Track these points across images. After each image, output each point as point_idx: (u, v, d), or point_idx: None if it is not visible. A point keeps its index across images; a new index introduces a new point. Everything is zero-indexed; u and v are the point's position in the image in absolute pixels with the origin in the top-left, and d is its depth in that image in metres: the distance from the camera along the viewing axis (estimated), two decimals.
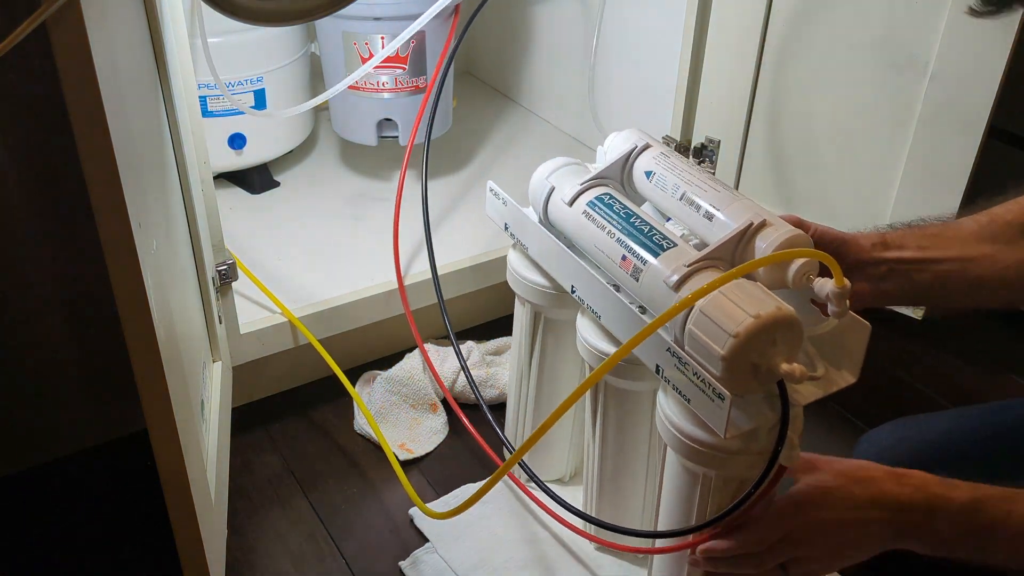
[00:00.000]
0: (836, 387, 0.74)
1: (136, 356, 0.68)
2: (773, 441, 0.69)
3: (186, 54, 0.96)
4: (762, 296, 0.68)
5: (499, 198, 0.96)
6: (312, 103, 1.21)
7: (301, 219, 1.39)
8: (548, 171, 0.91)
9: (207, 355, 1.04)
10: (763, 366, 0.67)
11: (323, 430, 1.21)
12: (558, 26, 1.61)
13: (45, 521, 1.07)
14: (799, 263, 0.71)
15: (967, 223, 0.82)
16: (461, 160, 1.55)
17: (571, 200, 0.86)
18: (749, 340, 0.65)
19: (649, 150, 0.88)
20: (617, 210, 0.83)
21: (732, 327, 0.65)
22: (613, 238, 0.81)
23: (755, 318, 0.65)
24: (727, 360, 0.66)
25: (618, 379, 0.87)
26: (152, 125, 0.83)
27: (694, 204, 0.81)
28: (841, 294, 0.68)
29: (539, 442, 1.07)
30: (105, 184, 0.61)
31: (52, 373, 1.12)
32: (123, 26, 0.74)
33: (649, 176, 0.86)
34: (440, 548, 1.02)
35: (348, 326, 1.22)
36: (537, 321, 0.98)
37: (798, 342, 0.68)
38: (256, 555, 1.03)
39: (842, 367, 0.75)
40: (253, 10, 0.87)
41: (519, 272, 0.95)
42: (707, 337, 0.67)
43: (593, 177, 0.87)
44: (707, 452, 0.72)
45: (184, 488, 0.76)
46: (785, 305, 0.68)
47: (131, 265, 0.64)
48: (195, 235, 1.00)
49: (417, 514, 1.07)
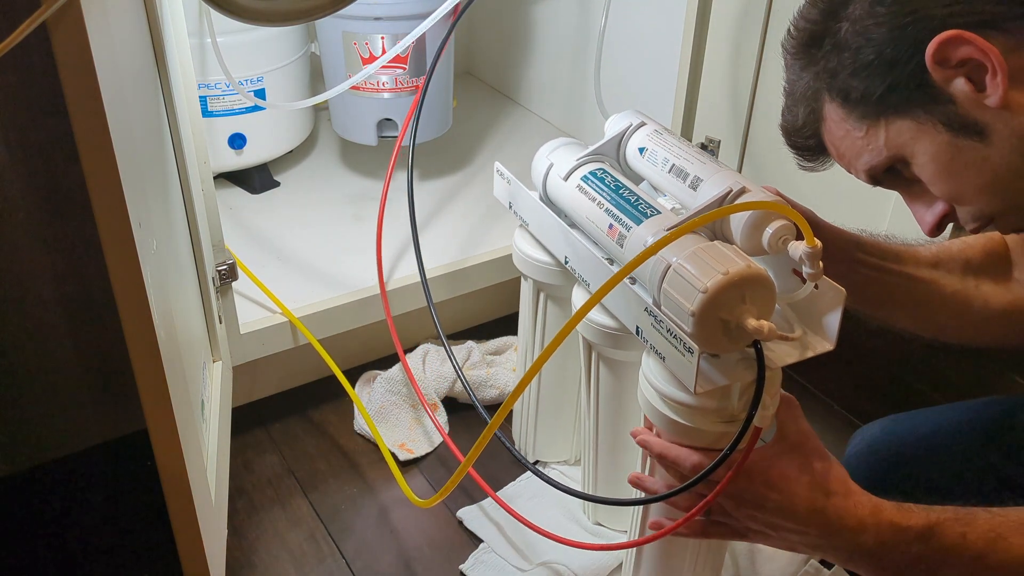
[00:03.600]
0: (813, 352, 0.76)
1: (136, 356, 0.68)
2: (747, 402, 0.70)
3: (186, 54, 0.96)
4: (733, 256, 0.70)
5: (504, 178, 1.00)
6: (312, 100, 1.21)
7: (301, 219, 1.39)
8: (549, 150, 0.94)
9: (207, 355, 1.04)
10: (732, 323, 0.69)
11: (323, 430, 1.21)
12: (558, 26, 1.61)
13: (45, 521, 1.07)
14: (774, 227, 0.73)
15: (922, 250, 0.87)
16: (461, 160, 1.55)
17: (567, 175, 0.90)
18: (718, 296, 0.68)
19: (644, 128, 0.90)
20: (608, 183, 0.86)
21: (702, 284, 0.68)
22: (602, 208, 0.84)
23: (724, 275, 0.68)
24: (697, 315, 0.68)
25: (610, 349, 0.90)
26: (152, 125, 0.83)
27: (681, 175, 0.83)
28: (814, 254, 0.70)
29: (545, 424, 1.11)
30: (105, 184, 0.61)
31: (52, 373, 1.12)
32: (123, 26, 0.74)
33: (642, 152, 0.88)
34: (496, 547, 1.03)
35: (348, 326, 1.22)
36: (539, 297, 1.03)
37: (769, 302, 0.71)
38: (256, 555, 1.03)
39: (820, 333, 0.76)
40: (253, 10, 0.87)
41: (522, 249, 1.00)
42: (679, 295, 0.70)
43: (588, 153, 0.91)
44: (683, 411, 0.74)
45: (184, 488, 0.76)
46: (756, 264, 0.70)
47: (131, 265, 0.64)
48: (195, 235, 1.00)
49: (467, 516, 1.08)
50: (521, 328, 1.09)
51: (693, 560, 0.87)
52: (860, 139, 0.68)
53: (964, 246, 0.89)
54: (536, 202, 0.95)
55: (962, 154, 0.64)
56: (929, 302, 0.86)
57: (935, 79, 0.62)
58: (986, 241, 0.90)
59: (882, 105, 0.65)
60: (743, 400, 0.74)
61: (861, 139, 0.68)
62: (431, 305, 1.15)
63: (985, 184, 0.66)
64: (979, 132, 0.63)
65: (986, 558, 0.67)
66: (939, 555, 0.68)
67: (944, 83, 0.62)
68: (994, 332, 0.89)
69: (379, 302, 1.22)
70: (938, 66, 0.61)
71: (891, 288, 0.85)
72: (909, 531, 0.68)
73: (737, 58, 1.23)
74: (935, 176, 0.66)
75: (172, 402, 0.71)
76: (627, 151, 0.91)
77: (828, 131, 0.71)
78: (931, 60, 0.61)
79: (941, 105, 0.63)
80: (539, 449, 1.14)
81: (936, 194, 0.68)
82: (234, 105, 1.33)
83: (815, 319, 0.77)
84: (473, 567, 1.02)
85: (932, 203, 0.70)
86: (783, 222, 0.73)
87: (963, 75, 0.61)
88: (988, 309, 0.87)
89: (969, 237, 0.90)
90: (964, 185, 0.66)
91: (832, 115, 0.69)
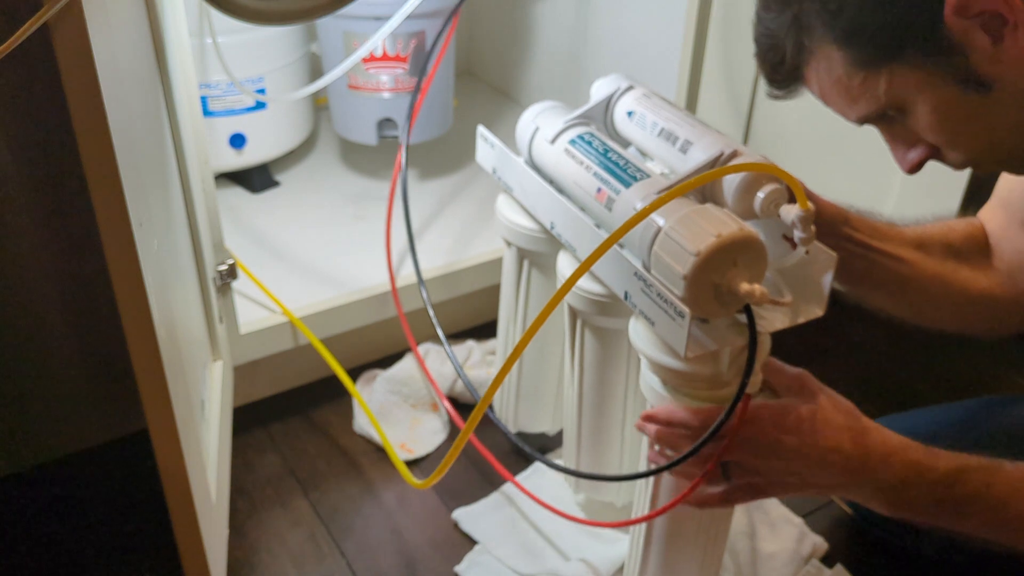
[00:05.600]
0: (804, 318, 0.75)
1: (136, 356, 0.68)
2: (739, 369, 0.71)
3: (186, 54, 0.96)
4: (725, 219, 0.69)
5: (488, 142, 0.98)
6: (311, 88, 1.19)
7: (301, 219, 1.39)
8: (534, 113, 0.93)
9: (207, 355, 1.04)
10: (724, 286, 0.68)
11: (323, 430, 1.21)
12: (558, 26, 1.61)
13: (45, 521, 1.07)
14: (767, 190, 0.72)
15: (906, 230, 0.87)
16: (461, 159, 1.55)
17: (553, 138, 0.88)
18: (710, 259, 0.67)
19: (632, 91, 0.89)
20: (596, 147, 0.84)
21: (694, 247, 0.67)
22: (590, 172, 0.83)
23: (717, 237, 0.67)
24: (689, 279, 0.67)
25: (596, 316, 0.88)
26: (153, 125, 0.83)
27: (671, 138, 0.81)
28: (806, 217, 0.69)
29: (526, 393, 1.10)
30: (106, 184, 0.61)
31: (52, 373, 1.12)
32: (124, 26, 0.74)
33: (631, 116, 0.87)
34: (492, 548, 1.03)
35: (348, 326, 1.22)
36: (522, 264, 1.00)
37: (761, 265, 0.70)
38: (257, 555, 1.03)
39: (810, 300, 0.76)
40: (253, 10, 0.87)
41: (505, 215, 0.97)
42: (670, 258, 0.69)
43: (575, 116, 0.89)
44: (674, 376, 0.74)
45: (184, 488, 0.76)
46: (748, 227, 0.69)
47: (131, 265, 0.64)
48: (195, 235, 1.00)
49: (463, 517, 1.07)
50: (503, 297, 1.07)
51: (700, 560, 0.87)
52: (857, 86, 0.66)
53: (947, 230, 0.88)
54: (522, 166, 0.93)
55: (965, 107, 0.63)
56: (909, 283, 0.85)
57: (951, 29, 0.60)
58: (967, 226, 0.90)
59: (888, 53, 0.63)
60: (734, 367, 0.73)
61: (858, 86, 0.66)
62: (428, 305, 1.14)
63: (982, 136, 0.65)
64: (986, 86, 0.62)
65: (1007, 509, 0.67)
66: (962, 501, 0.68)
67: (961, 34, 0.60)
68: (969, 318, 0.89)
69: (379, 302, 1.22)
70: (957, 16, 0.60)
71: (874, 265, 0.84)
72: (935, 472, 0.68)
73: (737, 58, 1.23)
74: (933, 126, 0.65)
75: (172, 402, 0.71)
76: (615, 115, 0.89)
77: (817, 71, 0.67)
78: (951, 9, 0.59)
79: (953, 57, 0.61)
80: (520, 420, 1.12)
81: (929, 140, 0.67)
82: (234, 105, 1.33)
83: (805, 285, 0.76)
84: (468, 568, 1.02)
85: (915, 144, 0.69)
86: (776, 185, 0.72)
87: (979, 27, 0.60)
88: (965, 294, 0.87)
89: (951, 221, 0.90)
90: (961, 136, 0.65)
91: (827, 57, 0.66)
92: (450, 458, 0.76)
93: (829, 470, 0.70)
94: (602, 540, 1.04)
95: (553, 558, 1.02)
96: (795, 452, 0.70)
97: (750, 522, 1.06)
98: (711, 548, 0.87)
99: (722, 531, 0.88)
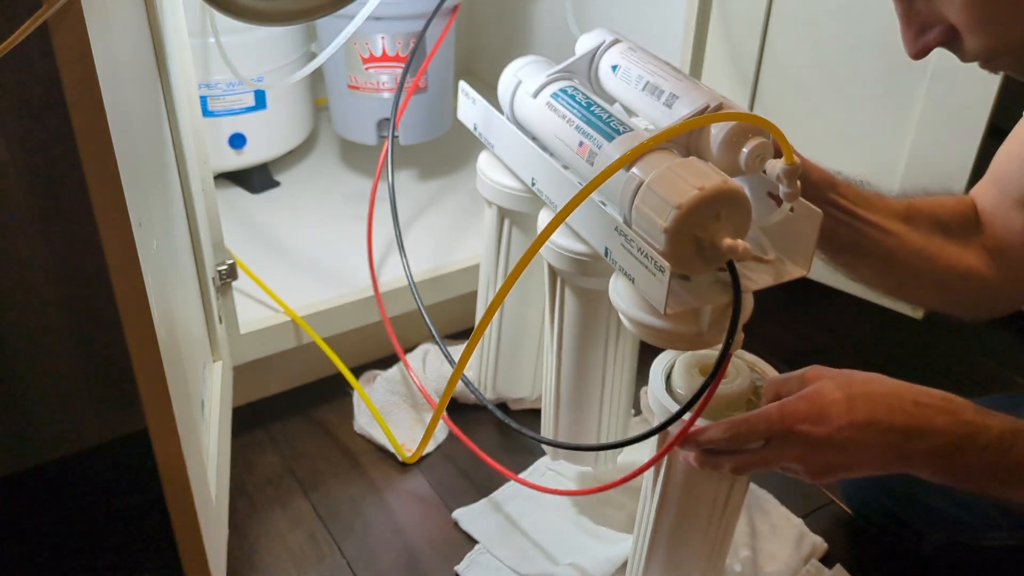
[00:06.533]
0: (788, 276, 0.73)
1: (136, 356, 0.68)
2: (720, 329, 0.69)
3: (186, 54, 0.96)
4: (708, 172, 0.67)
5: (470, 98, 0.96)
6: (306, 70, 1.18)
7: (301, 219, 1.39)
8: (516, 67, 0.90)
9: (207, 355, 1.04)
10: (706, 241, 0.66)
11: (324, 430, 1.21)
12: (558, 26, 1.61)
13: (45, 521, 1.07)
14: (752, 144, 0.71)
15: (894, 201, 0.84)
16: (461, 160, 1.55)
17: (535, 92, 0.86)
18: (692, 212, 0.65)
19: (617, 44, 0.87)
20: (579, 100, 0.82)
21: (675, 199, 0.65)
22: (572, 126, 0.81)
23: (699, 190, 0.65)
24: (670, 232, 0.66)
25: (577, 276, 0.86)
26: (152, 125, 0.83)
27: (656, 92, 0.79)
28: (792, 171, 0.68)
29: (506, 359, 1.08)
30: (105, 184, 0.61)
31: (52, 373, 1.12)
32: (123, 26, 0.74)
33: (615, 70, 0.84)
34: (492, 548, 1.03)
35: (348, 326, 1.22)
36: (503, 224, 0.99)
37: (744, 220, 0.68)
38: (257, 555, 1.03)
39: (794, 259, 0.74)
40: (253, 10, 0.87)
41: (485, 173, 0.96)
42: (652, 211, 0.67)
43: (559, 70, 0.87)
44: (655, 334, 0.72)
45: (184, 488, 0.76)
46: (732, 180, 0.67)
47: (131, 265, 0.64)
48: (195, 235, 1.00)
49: (463, 517, 1.07)
50: (484, 258, 1.05)
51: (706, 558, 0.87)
52: None
53: (936, 204, 0.87)
54: (503, 121, 0.90)
55: None
56: (894, 255, 0.84)
57: None
58: (957, 202, 0.88)
59: None
60: (715, 328, 0.71)
61: None
62: (420, 306, 1.14)
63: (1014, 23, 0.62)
64: None
65: None
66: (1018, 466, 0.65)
67: None
68: (953, 296, 0.88)
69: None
70: None
71: (860, 235, 0.82)
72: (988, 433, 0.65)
73: (737, 58, 1.23)
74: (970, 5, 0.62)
75: (172, 402, 0.71)
76: (599, 69, 0.87)
77: None
78: None
79: None
80: (499, 387, 1.11)
81: (952, 20, 0.64)
82: (234, 105, 1.33)
83: (789, 244, 0.74)
84: (468, 568, 1.02)
85: (930, 26, 0.66)
86: (761, 139, 0.71)
87: None
88: (951, 271, 0.85)
89: (942, 196, 0.88)
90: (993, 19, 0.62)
91: None
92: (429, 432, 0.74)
93: (871, 448, 0.67)
94: (602, 541, 1.03)
95: (553, 558, 1.01)
96: (827, 441, 0.67)
97: (750, 522, 1.06)
98: (717, 548, 0.87)
99: (729, 532, 0.88)
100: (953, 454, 0.66)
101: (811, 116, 1.22)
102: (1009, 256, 0.85)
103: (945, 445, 0.66)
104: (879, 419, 0.67)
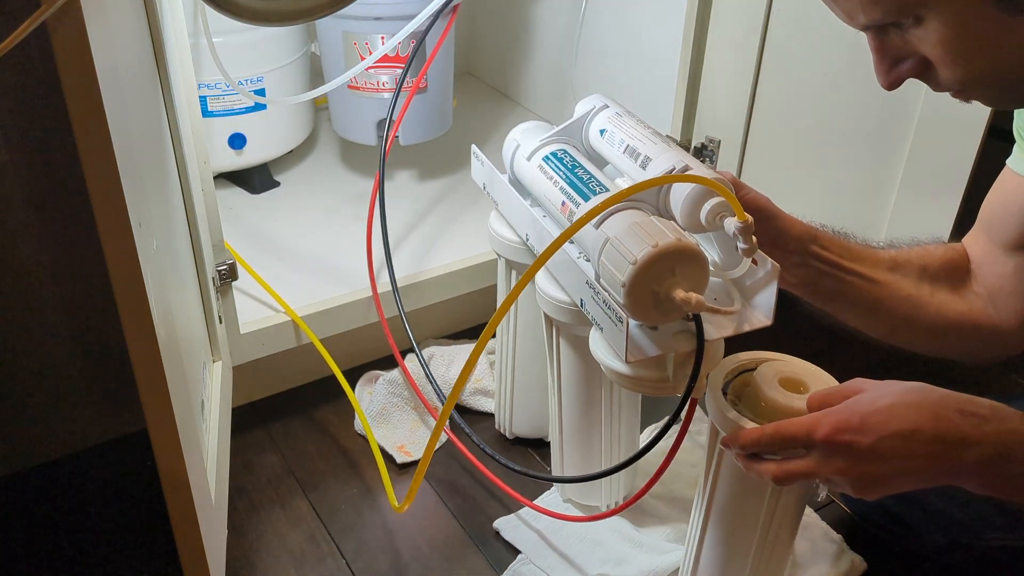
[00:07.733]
0: (750, 326, 0.77)
1: (136, 356, 0.68)
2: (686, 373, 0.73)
3: (186, 54, 0.96)
4: (665, 230, 0.72)
5: (479, 160, 1.02)
6: (311, 94, 1.20)
7: (301, 219, 1.39)
8: (519, 131, 0.97)
9: (207, 355, 1.04)
10: (662, 294, 0.71)
11: (323, 430, 1.21)
12: (559, 26, 1.61)
13: (45, 521, 1.07)
14: (711, 203, 0.75)
15: (880, 252, 0.87)
16: (461, 160, 1.55)
17: (530, 155, 0.93)
18: (647, 267, 0.70)
19: (606, 110, 0.92)
20: (566, 163, 0.89)
21: (632, 256, 0.70)
22: (557, 187, 0.87)
23: (653, 247, 0.70)
24: (627, 286, 0.71)
25: (569, 324, 0.92)
26: (152, 125, 0.83)
27: (634, 155, 0.85)
28: (745, 229, 0.72)
29: (520, 399, 1.13)
30: (105, 184, 0.61)
31: (52, 373, 1.12)
32: (123, 26, 0.74)
33: (603, 134, 0.90)
34: (534, 558, 1.01)
35: (348, 326, 1.22)
36: (510, 275, 1.06)
37: (701, 275, 0.73)
38: (256, 555, 1.03)
39: (758, 309, 0.78)
40: (253, 10, 0.87)
41: (494, 228, 1.03)
42: (613, 266, 0.73)
43: (552, 134, 0.93)
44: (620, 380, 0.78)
45: (184, 488, 0.76)
46: (688, 238, 0.72)
47: (131, 265, 0.64)
48: (195, 235, 1.00)
49: (504, 526, 1.05)
50: (498, 304, 1.10)
51: None
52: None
53: (923, 253, 0.88)
54: (503, 181, 0.97)
55: (989, 24, 0.60)
56: (881, 304, 0.85)
57: None
58: (946, 250, 0.89)
59: None
60: (681, 371, 0.75)
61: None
62: (401, 312, 1.16)
63: (990, 57, 0.62)
64: (1020, 7, 0.59)
65: None
66: None
67: None
68: (945, 341, 0.88)
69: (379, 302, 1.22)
70: None
71: (844, 284, 0.84)
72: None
73: (737, 58, 1.23)
74: (946, 40, 0.62)
75: (172, 402, 0.71)
76: (589, 133, 0.93)
77: None
78: None
79: None
80: (516, 425, 1.17)
81: (927, 54, 0.64)
82: (234, 105, 1.33)
83: (754, 295, 0.78)
84: None
85: (903, 58, 0.66)
86: (719, 199, 0.74)
87: None
88: (941, 317, 0.86)
89: (930, 245, 0.90)
90: (970, 54, 0.62)
91: None
92: (416, 482, 0.76)
93: (916, 459, 0.64)
94: (645, 550, 1.01)
95: (596, 568, 0.99)
96: (870, 451, 0.65)
97: None
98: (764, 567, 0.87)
99: (776, 555, 0.87)
100: (1001, 464, 0.64)
101: (808, 119, 1.22)
102: (1001, 301, 0.86)
103: (994, 455, 0.64)
104: (923, 428, 0.64)
